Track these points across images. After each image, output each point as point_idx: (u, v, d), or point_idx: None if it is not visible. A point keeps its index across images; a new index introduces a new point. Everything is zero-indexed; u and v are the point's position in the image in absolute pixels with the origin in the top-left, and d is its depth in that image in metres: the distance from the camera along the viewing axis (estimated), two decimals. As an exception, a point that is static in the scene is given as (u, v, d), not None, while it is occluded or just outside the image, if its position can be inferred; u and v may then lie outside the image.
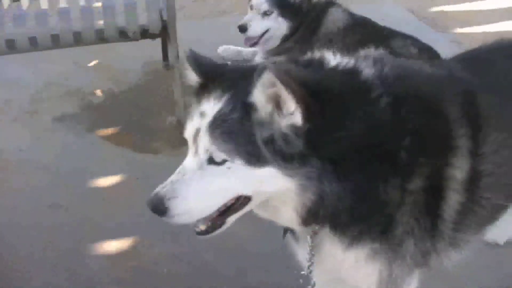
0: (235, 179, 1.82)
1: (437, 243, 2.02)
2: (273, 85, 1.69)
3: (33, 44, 4.24)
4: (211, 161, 1.83)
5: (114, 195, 3.90)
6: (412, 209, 1.89)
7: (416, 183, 1.87)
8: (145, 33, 4.38)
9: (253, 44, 4.93)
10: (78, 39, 4.28)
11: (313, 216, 1.87)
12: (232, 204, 1.93)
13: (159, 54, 5.50)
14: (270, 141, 1.76)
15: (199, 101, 1.90)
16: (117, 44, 5.00)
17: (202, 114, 1.84)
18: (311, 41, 4.65)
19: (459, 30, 6.18)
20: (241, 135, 1.77)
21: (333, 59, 1.97)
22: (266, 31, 4.79)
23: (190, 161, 1.89)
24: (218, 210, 1.92)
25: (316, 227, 1.98)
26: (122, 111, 4.87)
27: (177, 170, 1.92)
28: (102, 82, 5.31)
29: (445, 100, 1.99)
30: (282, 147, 1.76)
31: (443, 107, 1.96)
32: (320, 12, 4.82)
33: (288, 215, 1.90)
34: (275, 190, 1.83)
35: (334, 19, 4.79)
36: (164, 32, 4.41)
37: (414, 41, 4.49)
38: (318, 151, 1.76)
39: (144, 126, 4.57)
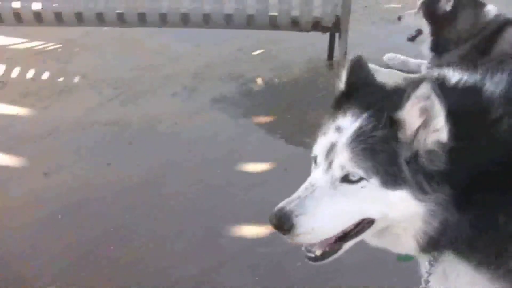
0: (367, 200, 1.72)
1: None
2: (427, 98, 1.60)
3: (206, 21, 4.28)
4: (345, 179, 1.72)
5: (260, 182, 3.82)
6: None
7: None
8: (317, 25, 4.32)
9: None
10: (250, 22, 4.27)
11: (433, 246, 1.76)
12: (353, 229, 1.81)
13: (324, 53, 5.41)
14: (413, 159, 1.66)
15: (335, 114, 1.79)
16: (282, 37, 5.00)
17: (339, 129, 1.74)
18: (481, 59, 4.37)
19: None
20: (384, 153, 1.67)
21: (453, 76, 1.80)
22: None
23: (320, 178, 1.77)
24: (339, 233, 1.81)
25: (435, 253, 1.85)
26: (280, 101, 4.81)
27: (304, 186, 1.82)
28: (264, 71, 5.30)
29: None
30: (425, 164, 1.65)
31: None
32: (496, 31, 4.52)
33: (408, 243, 1.78)
34: (403, 214, 1.71)
35: (510, 39, 4.48)
36: (336, 26, 4.31)
37: None
38: (457, 172, 1.63)
39: (299, 119, 4.47)
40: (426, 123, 1.63)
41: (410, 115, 1.63)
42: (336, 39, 5.09)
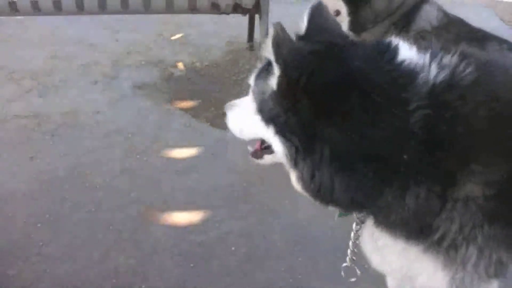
0: (251, 121, 1.87)
1: None
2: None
3: (124, 7, 4.20)
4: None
5: (187, 167, 3.81)
6: (466, 216, 1.71)
7: (469, 190, 1.68)
8: (237, 7, 4.30)
9: None
10: (169, 6, 4.22)
11: (320, 199, 1.80)
12: (263, 144, 2.02)
13: (244, 35, 5.42)
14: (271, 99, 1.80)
15: None
16: (201, 20, 4.98)
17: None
18: (400, 37, 4.43)
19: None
20: (261, 88, 1.83)
21: (403, 49, 1.78)
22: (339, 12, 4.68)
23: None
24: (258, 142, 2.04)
25: (360, 215, 1.91)
26: (202, 86, 4.81)
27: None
28: (185, 56, 5.29)
29: None
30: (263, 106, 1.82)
31: None
32: (413, 9, 4.59)
33: (297, 187, 1.84)
34: (277, 151, 1.82)
35: (428, 16, 4.55)
36: (257, 8, 4.31)
37: (510, 45, 4.23)
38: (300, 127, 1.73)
39: (223, 103, 4.44)
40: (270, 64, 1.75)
41: (268, 53, 1.72)
42: (256, 20, 5.10)
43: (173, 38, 5.63)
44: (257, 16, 4.91)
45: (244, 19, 5.18)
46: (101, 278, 2.99)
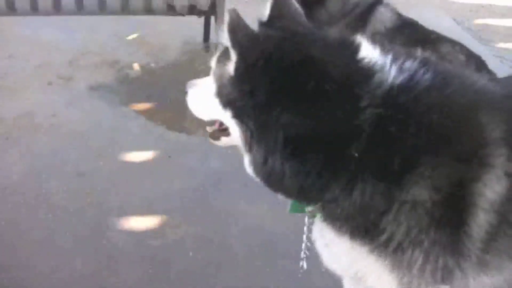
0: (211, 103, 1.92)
1: (461, 261, 1.89)
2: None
3: (80, 7, 4.18)
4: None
5: (143, 171, 3.82)
6: (413, 219, 1.74)
7: (416, 193, 1.72)
8: (192, 9, 4.31)
9: None
10: (125, 7, 4.21)
11: (273, 187, 1.85)
12: (221, 126, 2.07)
13: (199, 35, 5.44)
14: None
15: None
16: (157, 20, 4.97)
17: None
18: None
19: (502, 45, 6.06)
20: (221, 71, 1.88)
21: (365, 48, 1.80)
22: None
23: None
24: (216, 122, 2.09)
25: (310, 208, 1.93)
26: (158, 87, 4.81)
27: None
28: (140, 56, 5.28)
29: (487, 115, 1.77)
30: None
31: (483, 125, 1.76)
32: (367, 10, 4.65)
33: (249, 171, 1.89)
34: (233, 135, 1.89)
35: (382, 18, 4.61)
36: (212, 9, 4.33)
37: (463, 48, 4.32)
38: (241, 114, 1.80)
39: (179, 104, 4.45)
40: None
41: (225, 40, 1.77)
42: (212, 20, 5.11)
43: (128, 38, 5.60)
44: (213, 17, 4.92)
45: (200, 19, 5.19)
46: (58, 285, 2.98)
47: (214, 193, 3.63)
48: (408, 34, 4.47)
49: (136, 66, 5.10)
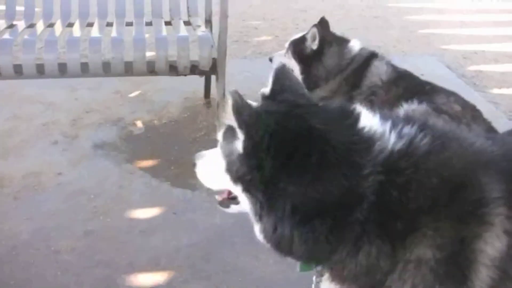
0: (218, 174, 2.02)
1: None
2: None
3: (85, 70, 4.31)
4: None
5: (150, 228, 3.88)
6: (417, 277, 1.80)
7: (420, 252, 1.79)
8: (194, 69, 4.43)
9: None
10: (129, 69, 4.33)
11: (282, 252, 1.94)
12: (230, 194, 2.16)
13: (200, 91, 5.56)
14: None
15: None
16: (159, 77, 5.08)
17: None
18: (352, 94, 4.58)
19: (496, 91, 6.18)
20: (228, 145, 1.97)
21: (365, 117, 1.91)
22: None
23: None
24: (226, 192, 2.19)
25: (319, 268, 2.03)
26: (162, 144, 4.90)
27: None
28: (143, 113, 5.38)
29: (486, 176, 1.85)
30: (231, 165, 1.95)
31: (482, 185, 1.83)
32: (363, 64, 4.75)
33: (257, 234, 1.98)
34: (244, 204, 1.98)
35: (378, 71, 4.71)
36: (213, 69, 4.46)
37: (458, 98, 4.41)
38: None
39: (183, 161, 4.57)
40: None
41: (230, 120, 1.89)
42: (212, 78, 5.22)
43: (130, 95, 5.73)
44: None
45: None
46: None
47: (220, 248, 3.69)
48: (403, 86, 4.54)
49: (139, 123, 5.20)
